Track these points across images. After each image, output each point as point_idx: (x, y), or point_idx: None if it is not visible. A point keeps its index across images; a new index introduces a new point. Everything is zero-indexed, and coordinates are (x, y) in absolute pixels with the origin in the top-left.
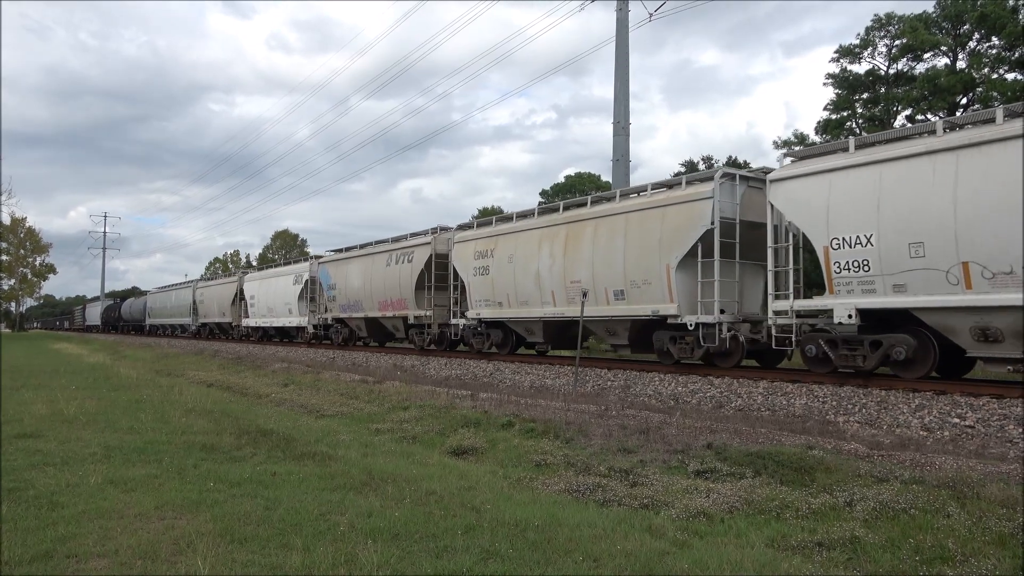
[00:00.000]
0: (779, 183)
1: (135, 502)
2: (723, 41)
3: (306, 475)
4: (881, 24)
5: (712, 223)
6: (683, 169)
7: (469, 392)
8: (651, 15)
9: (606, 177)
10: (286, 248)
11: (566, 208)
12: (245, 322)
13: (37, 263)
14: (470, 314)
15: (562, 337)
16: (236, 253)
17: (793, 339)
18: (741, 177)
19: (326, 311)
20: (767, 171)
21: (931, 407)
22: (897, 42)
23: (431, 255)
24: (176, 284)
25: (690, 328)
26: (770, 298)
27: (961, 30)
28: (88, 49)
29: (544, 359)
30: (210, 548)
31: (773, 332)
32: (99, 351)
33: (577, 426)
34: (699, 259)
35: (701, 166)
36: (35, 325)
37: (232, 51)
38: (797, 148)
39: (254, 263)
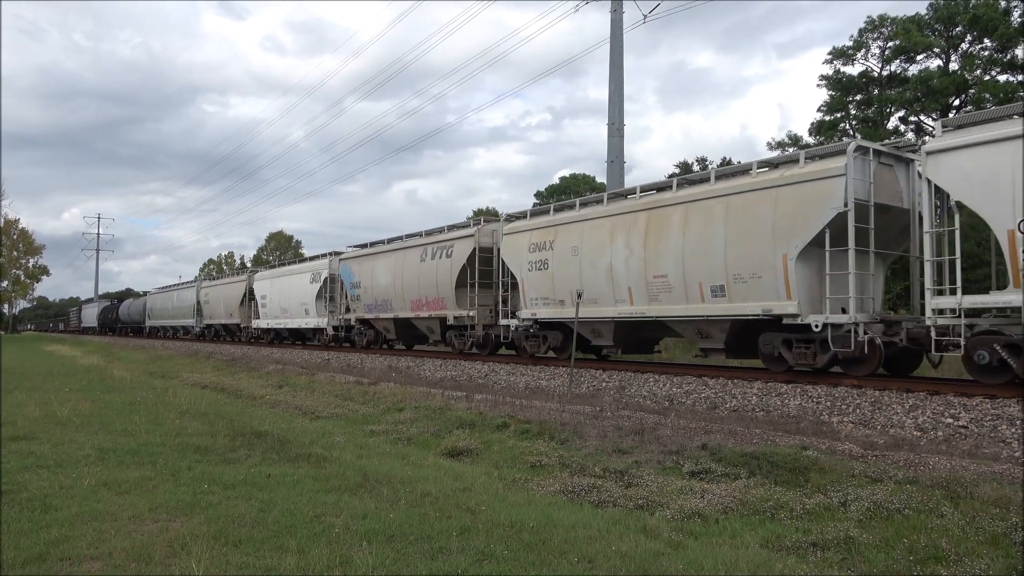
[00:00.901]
0: (941, 155)
1: (129, 504)
2: (717, 43)
3: (301, 477)
4: (874, 26)
5: (845, 205)
6: (678, 171)
7: (464, 393)
8: (645, 16)
9: (600, 179)
10: (280, 249)
11: (645, 192)
12: (255, 323)
13: (30, 265)
14: (523, 314)
15: (635, 340)
16: (230, 255)
17: (961, 343)
18: (874, 152)
19: (348, 311)
20: (905, 144)
21: (925, 407)
22: (890, 44)
23: (474, 248)
24: (178, 284)
25: (815, 329)
26: (928, 294)
27: (954, 32)
28: (82, 50)
29: (540, 360)
30: (204, 550)
31: (933, 335)
32: (93, 353)
33: (572, 427)
34: (827, 248)
35: (696, 167)
36: (29, 327)
37: (227, 53)
38: (954, 116)
39: (248, 264)
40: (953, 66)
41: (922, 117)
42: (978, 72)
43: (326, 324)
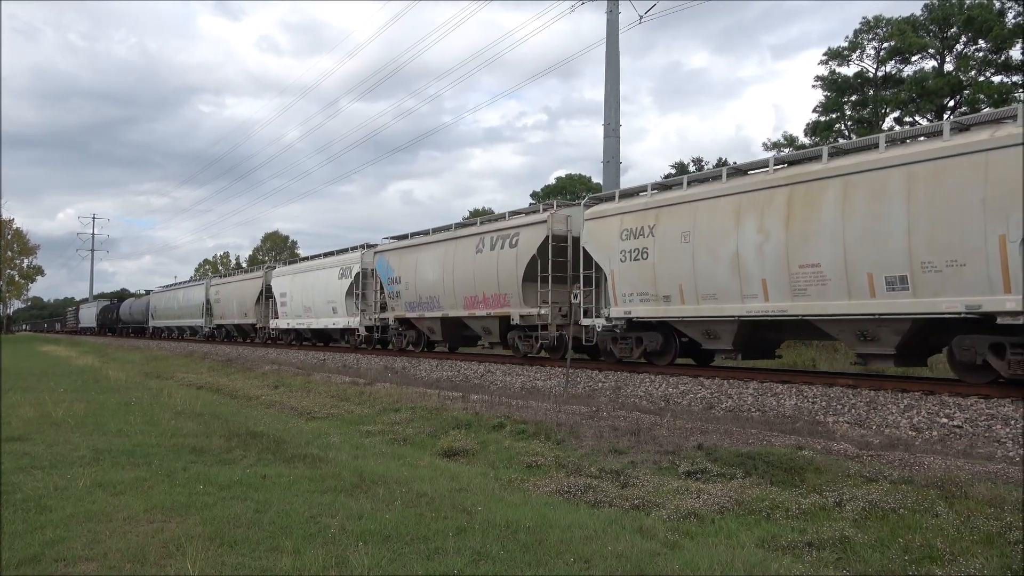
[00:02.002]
0: None
1: (124, 505)
2: (713, 44)
3: (296, 477)
4: (869, 27)
5: None
6: (674, 171)
7: (460, 394)
8: (641, 17)
9: (597, 179)
10: (276, 250)
11: (780, 164)
12: (274, 323)
13: (24, 265)
14: (614, 312)
15: (762, 343)
16: (226, 255)
17: None
18: None
19: (384, 310)
20: None
21: (920, 407)
22: (885, 45)
23: (547, 237)
24: (185, 282)
25: None
26: None
27: (948, 33)
28: (77, 50)
29: (536, 360)
30: (199, 551)
31: None
32: (88, 353)
33: (568, 427)
34: None
35: (691, 168)
36: (24, 328)
37: (222, 53)
38: None
39: (244, 264)
40: (948, 67)
41: (917, 118)
42: (973, 73)
43: (358, 324)
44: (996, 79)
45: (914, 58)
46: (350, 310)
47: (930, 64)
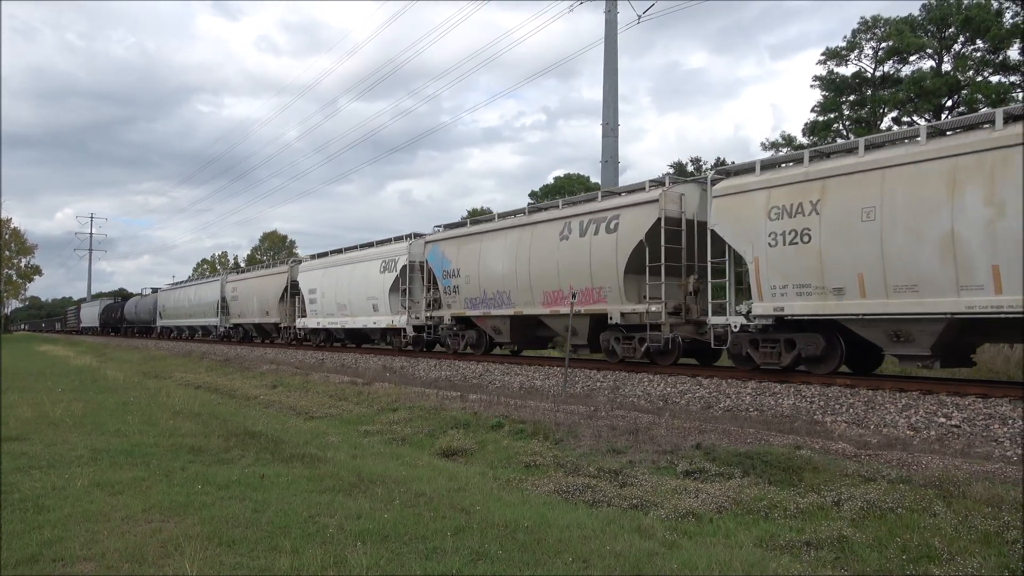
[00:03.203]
0: None
1: (122, 505)
2: (711, 44)
3: (295, 477)
4: (867, 27)
5: None
6: (672, 171)
7: (459, 393)
8: (639, 17)
9: (595, 178)
10: (274, 250)
11: (1015, 118)
12: (301, 323)
13: (22, 264)
14: (758, 308)
15: (959, 344)
16: (224, 255)
17: None
18: None
19: (437, 307)
20: None
21: (918, 407)
22: (883, 45)
23: (659, 219)
24: (196, 279)
25: None
26: None
27: (946, 33)
28: (76, 50)
29: (534, 360)
30: (198, 551)
31: None
32: (86, 353)
33: (567, 427)
34: None
35: (690, 168)
36: (23, 327)
37: (221, 53)
38: None
39: (242, 264)
40: (946, 67)
41: (915, 118)
42: (971, 73)
43: (405, 323)
44: (994, 79)
45: (912, 58)
46: (394, 308)
47: (928, 64)
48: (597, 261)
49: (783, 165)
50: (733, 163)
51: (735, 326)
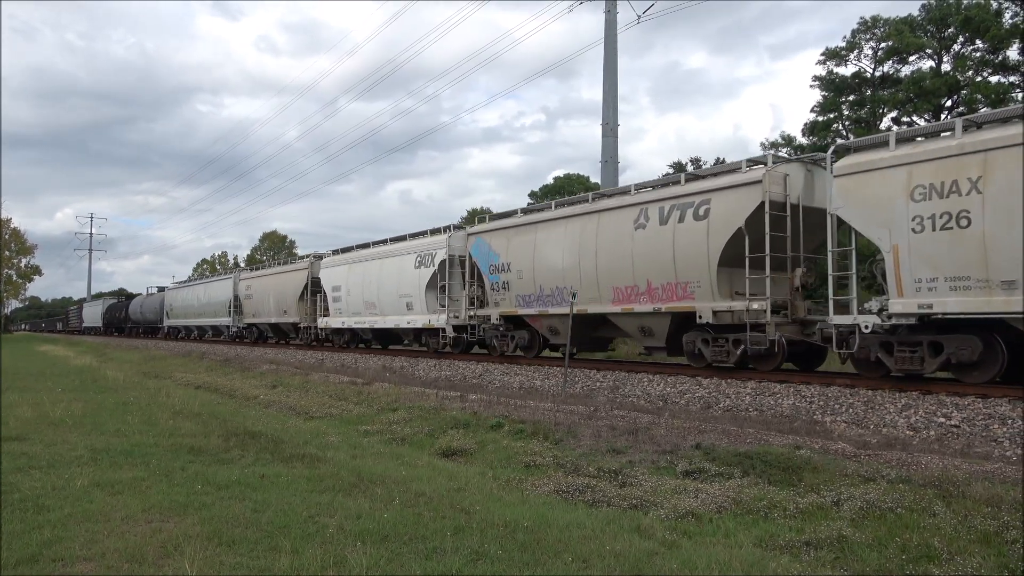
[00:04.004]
0: None
1: (122, 505)
2: (710, 44)
3: (295, 477)
4: (867, 27)
5: None
6: (671, 171)
7: (458, 393)
8: (639, 17)
9: (595, 179)
10: (274, 250)
11: None
12: (324, 322)
13: (22, 264)
14: (897, 305)
15: None
16: (224, 254)
17: None
18: None
19: (479, 305)
20: None
21: (917, 407)
22: (883, 45)
23: (762, 203)
24: (206, 277)
25: None
26: None
27: (946, 33)
28: (75, 50)
29: (534, 360)
30: (197, 551)
31: None
32: (86, 353)
33: (566, 427)
34: None
35: (689, 167)
36: (23, 327)
37: (221, 53)
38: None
39: (242, 264)
40: (945, 67)
41: (915, 118)
42: (970, 73)
43: (443, 323)
44: (993, 79)
45: (912, 58)
46: (431, 306)
47: (928, 64)
48: (683, 252)
49: (921, 139)
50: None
51: (865, 326)
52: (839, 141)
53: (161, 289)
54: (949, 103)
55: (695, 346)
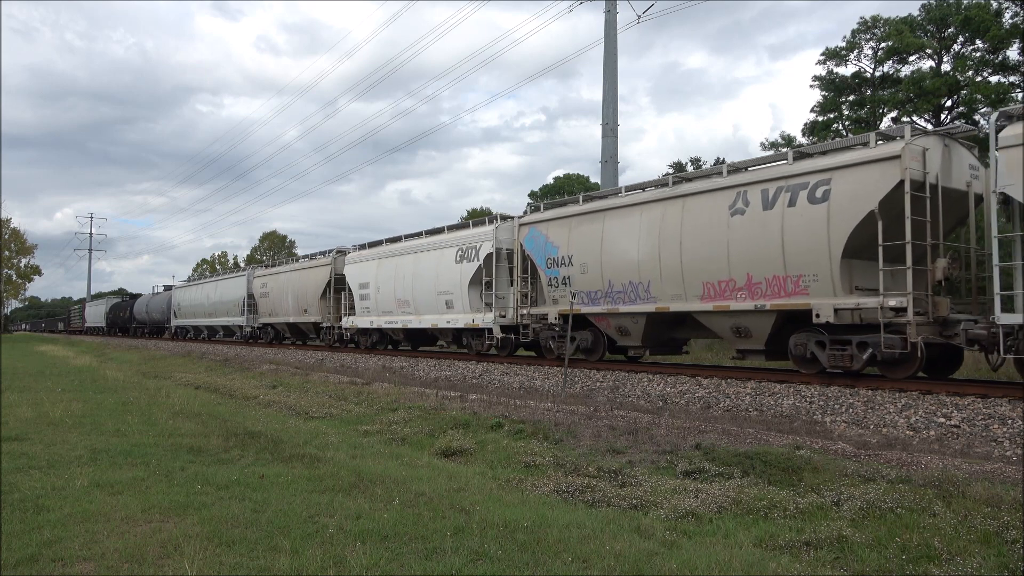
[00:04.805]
0: None
1: (122, 505)
2: (710, 44)
3: (294, 477)
4: (867, 27)
5: None
6: (671, 171)
7: (458, 393)
8: (639, 17)
9: (595, 179)
10: (274, 249)
11: None
12: (350, 322)
13: (22, 265)
14: None
15: None
16: (224, 254)
17: None
18: None
19: (532, 303)
20: None
21: (917, 407)
22: (883, 45)
23: (900, 183)
24: (216, 275)
25: None
26: None
27: (946, 33)
28: (75, 50)
29: (533, 360)
30: (197, 551)
31: None
32: (85, 353)
33: (566, 427)
34: None
35: (689, 167)
36: (24, 327)
37: (220, 53)
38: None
39: (241, 264)
40: (945, 67)
41: (915, 118)
42: (970, 73)
43: (491, 322)
44: (993, 79)
45: (911, 58)
46: (474, 304)
47: (927, 64)
48: (794, 241)
49: None
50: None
51: None
52: (1001, 108)
53: (168, 288)
54: (949, 103)
55: (806, 349)
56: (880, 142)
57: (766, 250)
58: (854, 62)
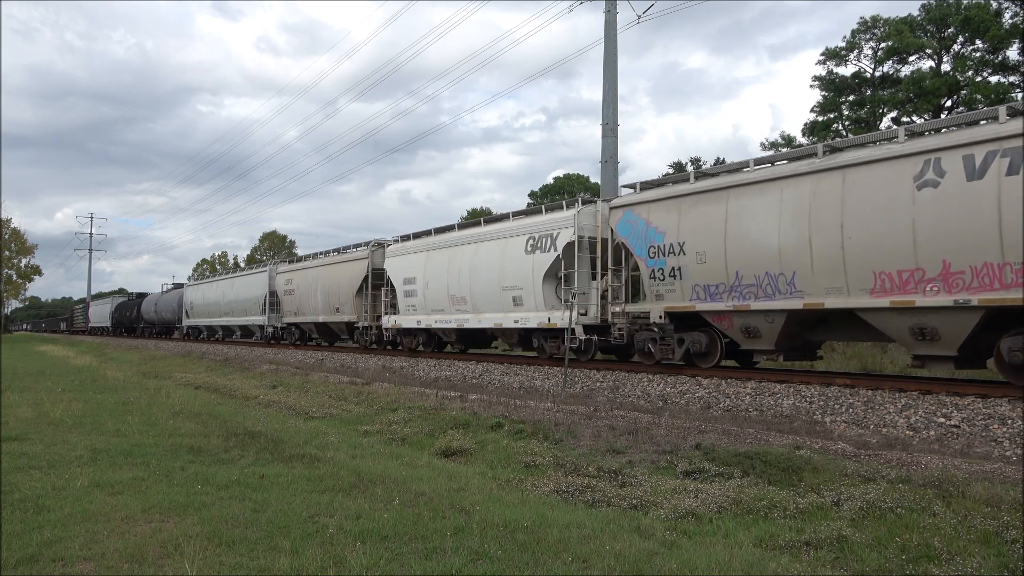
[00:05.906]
0: None
1: (122, 505)
2: (710, 44)
3: (295, 477)
4: (867, 27)
5: None
6: (671, 171)
7: (458, 393)
8: (639, 17)
9: (595, 179)
10: (274, 249)
11: None
12: (392, 321)
13: (22, 265)
14: None
15: None
16: (224, 254)
17: None
18: None
19: (626, 298)
20: None
21: (917, 407)
22: (883, 45)
23: None
24: (233, 272)
25: None
26: None
27: (945, 33)
28: (75, 50)
29: (533, 360)
30: (197, 551)
31: None
32: (85, 353)
33: (566, 427)
34: None
35: (689, 167)
36: (25, 327)
37: (220, 53)
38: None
39: (242, 264)
40: (945, 67)
41: (915, 118)
42: (970, 73)
43: (572, 321)
44: (993, 79)
45: (911, 58)
46: (549, 300)
47: (927, 64)
48: (1017, 219)
49: None
50: None
51: None
52: None
53: (179, 285)
54: (949, 103)
55: (1021, 355)
56: None
57: (973, 231)
58: (854, 62)
